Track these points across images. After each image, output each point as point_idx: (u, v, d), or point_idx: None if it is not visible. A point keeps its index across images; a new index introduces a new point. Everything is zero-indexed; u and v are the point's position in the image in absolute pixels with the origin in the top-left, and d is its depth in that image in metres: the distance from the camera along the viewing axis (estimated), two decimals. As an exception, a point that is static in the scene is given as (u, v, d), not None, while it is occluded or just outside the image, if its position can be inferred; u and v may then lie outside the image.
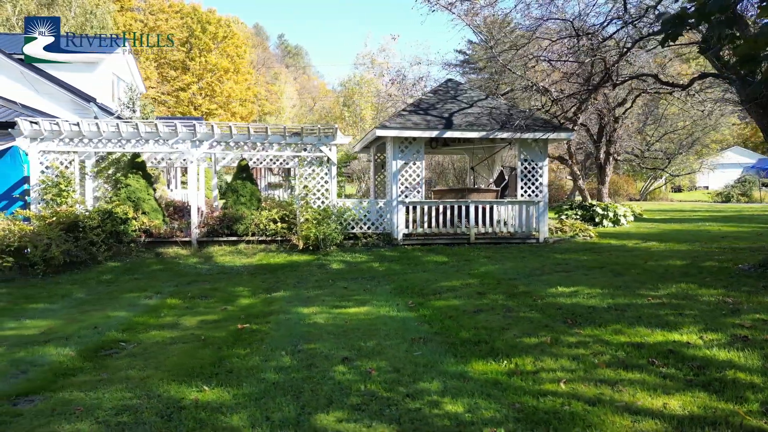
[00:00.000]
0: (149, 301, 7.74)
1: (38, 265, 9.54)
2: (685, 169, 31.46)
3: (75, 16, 34.02)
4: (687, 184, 47.30)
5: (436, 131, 11.62)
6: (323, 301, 7.17)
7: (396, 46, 70.67)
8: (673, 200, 37.09)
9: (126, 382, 3.84)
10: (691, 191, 46.87)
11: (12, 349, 5.08)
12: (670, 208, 26.51)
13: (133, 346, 5.04)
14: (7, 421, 3.21)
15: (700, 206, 28.68)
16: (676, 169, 28.99)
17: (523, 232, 12.23)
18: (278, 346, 4.86)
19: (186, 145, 11.19)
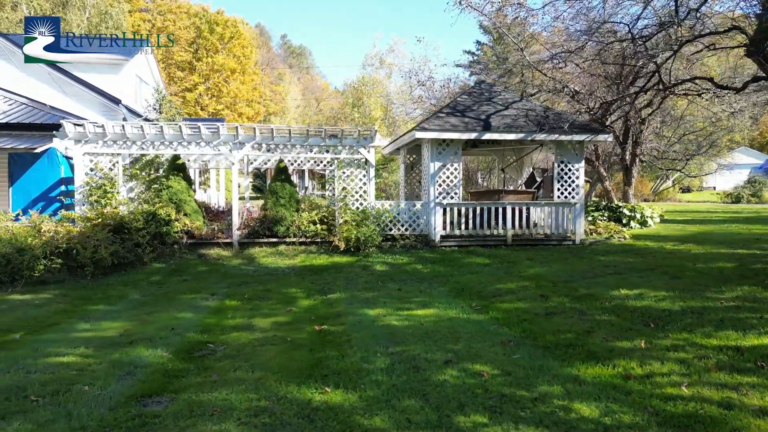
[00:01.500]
0: (208, 303, 7.81)
1: (87, 267, 9.62)
2: (703, 170, 31.47)
3: (90, 17, 34.11)
4: (697, 185, 47.28)
5: (475, 133, 11.68)
6: (384, 303, 7.23)
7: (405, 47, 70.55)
8: (681, 201, 37.08)
9: (243, 384, 3.91)
10: (699, 192, 46.84)
11: (102, 351, 5.14)
12: (684, 209, 26.52)
13: (223, 347, 5.10)
14: (148, 422, 3.28)
15: (713, 207, 28.67)
16: (693, 170, 29.01)
17: (559, 233, 12.28)
18: (367, 347, 4.93)
19: (227, 147, 11.26)
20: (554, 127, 11.93)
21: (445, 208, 11.87)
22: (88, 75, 18.44)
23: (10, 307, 7.85)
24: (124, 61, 19.90)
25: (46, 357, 4.96)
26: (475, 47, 55.67)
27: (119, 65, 19.83)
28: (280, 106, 67.49)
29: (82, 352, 5.14)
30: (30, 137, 12.93)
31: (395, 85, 56.95)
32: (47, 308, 7.70)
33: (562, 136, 11.74)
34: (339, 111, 61.69)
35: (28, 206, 12.57)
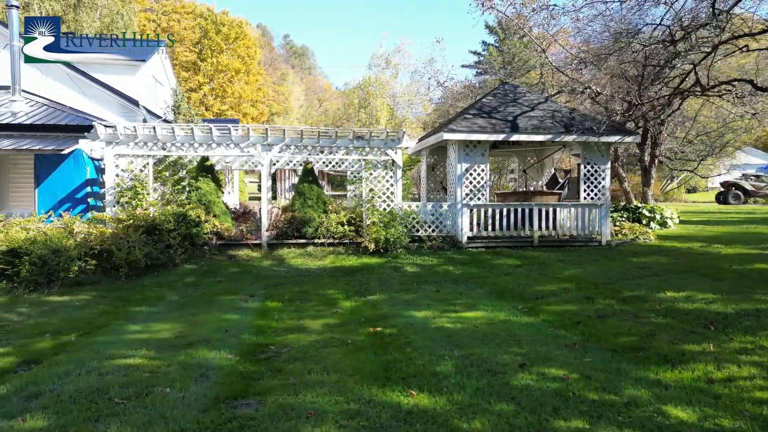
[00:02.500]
0: (249, 304, 7.83)
1: (122, 268, 9.65)
2: (712, 171, 31.43)
3: (101, 17, 34.16)
4: (702, 185, 47.26)
5: (503, 134, 11.69)
6: (428, 306, 7.24)
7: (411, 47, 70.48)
8: (686, 201, 36.99)
9: (324, 386, 3.93)
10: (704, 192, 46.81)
11: (164, 353, 5.16)
12: (695, 209, 26.45)
13: (286, 349, 5.12)
14: (246, 425, 3.30)
15: (722, 208, 28.63)
16: (705, 171, 29.00)
17: (584, 234, 12.29)
18: (431, 350, 4.94)
19: (257, 149, 11.28)
20: (581, 128, 11.94)
21: (472, 209, 11.89)
22: (106, 76, 18.48)
23: (52, 308, 7.88)
24: (141, 63, 19.94)
25: (111, 359, 4.98)
26: (481, 48, 55.69)
27: (136, 66, 19.87)
28: (283, 107, 67.62)
29: (145, 354, 5.16)
30: (54, 138, 12.98)
31: (401, 86, 57.09)
32: (89, 310, 7.73)
33: (591, 138, 11.75)
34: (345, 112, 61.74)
35: (54, 207, 12.60)
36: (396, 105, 57.09)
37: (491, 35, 54.24)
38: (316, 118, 68.19)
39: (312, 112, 71.41)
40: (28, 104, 14.89)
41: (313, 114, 70.14)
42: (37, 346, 5.69)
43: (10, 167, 14.16)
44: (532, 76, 38.60)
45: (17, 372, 4.72)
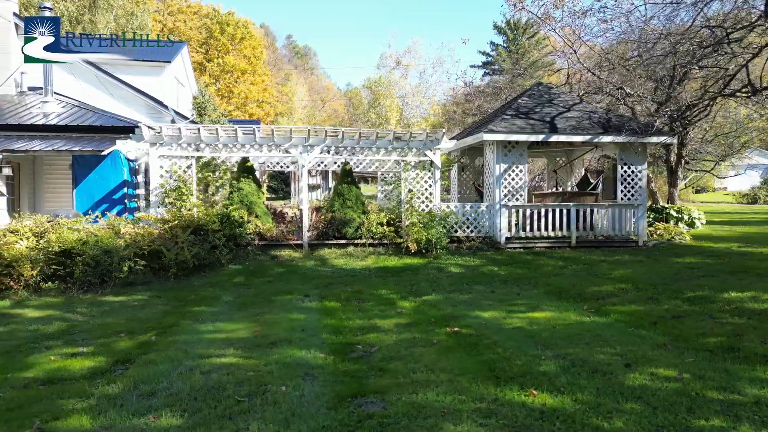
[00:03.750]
0: (309, 304, 7.87)
1: (171, 269, 9.71)
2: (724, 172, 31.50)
3: (116, 18, 34.27)
4: (711, 186, 47.24)
5: (543, 135, 11.74)
6: (489, 306, 7.29)
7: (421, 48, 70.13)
8: (695, 201, 36.96)
9: (439, 385, 3.97)
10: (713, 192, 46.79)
11: (253, 352, 5.20)
12: (710, 209, 26.43)
13: (375, 349, 5.17)
14: (385, 422, 3.34)
15: (737, 208, 28.69)
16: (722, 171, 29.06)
17: (621, 235, 12.33)
18: (521, 350, 4.98)
19: (298, 150, 11.34)
20: (620, 129, 11.99)
21: (511, 210, 11.93)
22: (132, 77, 18.51)
23: (112, 308, 7.94)
24: (166, 64, 20.01)
25: (203, 358, 5.03)
26: (490, 48, 55.70)
27: (161, 67, 19.93)
28: (287, 107, 67.74)
29: (234, 353, 5.21)
30: (90, 140, 13.04)
31: (410, 86, 57.16)
32: (150, 310, 7.78)
33: (630, 138, 11.80)
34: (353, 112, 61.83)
35: (92, 208, 12.66)
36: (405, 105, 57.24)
37: (500, 35, 54.30)
38: (319, 118, 68.21)
39: (315, 112, 71.47)
40: (60, 105, 14.96)
41: (317, 114, 70.19)
42: (119, 346, 5.74)
43: (45, 168, 14.23)
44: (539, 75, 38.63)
45: (115, 371, 4.77)
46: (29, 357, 5.37)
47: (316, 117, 69.72)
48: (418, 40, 62.22)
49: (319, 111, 73.19)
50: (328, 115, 70.24)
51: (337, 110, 68.87)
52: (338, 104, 75.46)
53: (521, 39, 54.35)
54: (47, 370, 4.85)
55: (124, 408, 3.78)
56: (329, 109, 73.88)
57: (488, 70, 54.72)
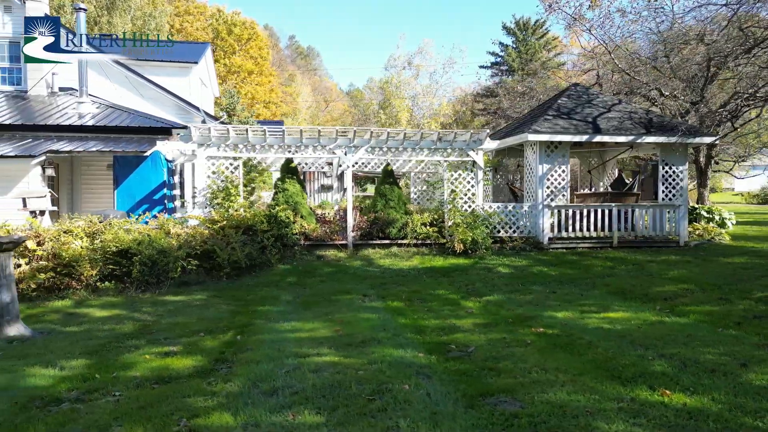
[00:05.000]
0: (372, 304, 7.89)
1: (224, 269, 9.74)
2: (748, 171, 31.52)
3: (133, 20, 34.38)
4: (720, 186, 47.17)
5: (586, 135, 11.75)
6: (559, 306, 7.29)
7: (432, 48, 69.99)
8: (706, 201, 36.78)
9: (566, 385, 3.96)
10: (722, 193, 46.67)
11: (348, 351, 5.20)
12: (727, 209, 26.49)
13: (472, 349, 5.18)
14: (535, 422, 3.34)
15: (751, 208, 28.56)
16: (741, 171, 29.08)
17: (661, 235, 12.34)
18: (621, 350, 4.97)
19: (342, 151, 11.37)
20: (662, 129, 12.00)
21: (553, 210, 11.94)
22: (159, 78, 18.56)
23: (177, 308, 7.96)
24: (193, 65, 20.08)
25: (302, 357, 5.03)
26: (499, 49, 55.69)
27: (188, 68, 20.00)
28: (291, 107, 67.86)
29: (330, 351, 5.22)
30: (128, 141, 13.08)
31: (421, 87, 57.19)
32: (215, 309, 7.80)
33: (672, 138, 11.80)
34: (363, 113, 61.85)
35: (132, 208, 12.72)
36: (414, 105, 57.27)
37: (509, 36, 54.28)
38: (323, 118, 68.22)
39: (318, 113, 71.51)
40: (95, 106, 15.01)
41: (320, 115, 70.22)
42: (206, 345, 5.76)
43: (83, 168, 14.28)
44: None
45: (220, 370, 4.79)
46: (121, 356, 5.39)
47: (319, 117, 69.83)
48: (430, 41, 62.04)
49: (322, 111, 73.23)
50: (332, 116, 70.24)
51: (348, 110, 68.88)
52: (341, 105, 75.52)
53: (530, 39, 54.30)
54: (150, 369, 4.87)
55: (256, 406, 3.79)
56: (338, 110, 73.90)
57: (497, 71, 54.70)
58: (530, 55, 50.80)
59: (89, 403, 4.05)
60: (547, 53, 51.63)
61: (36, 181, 11.77)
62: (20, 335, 6.31)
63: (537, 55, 50.87)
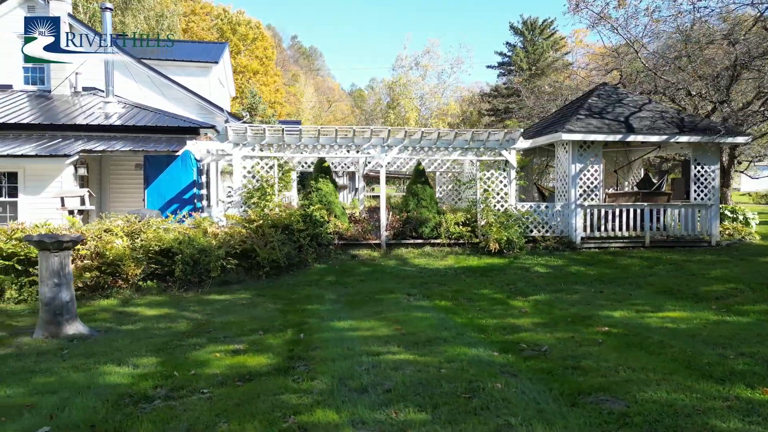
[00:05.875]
0: (420, 303, 7.88)
1: (264, 268, 9.74)
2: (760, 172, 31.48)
3: (146, 20, 34.45)
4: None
5: (620, 135, 11.74)
6: (611, 306, 7.27)
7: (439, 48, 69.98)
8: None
9: (661, 384, 3.95)
10: (729, 192, 46.33)
11: (419, 350, 5.19)
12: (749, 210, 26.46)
13: (545, 348, 5.16)
14: (651, 420, 3.32)
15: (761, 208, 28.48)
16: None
17: (692, 235, 12.31)
18: (695, 349, 4.95)
19: (377, 150, 11.37)
20: (694, 128, 11.98)
21: (586, 209, 11.93)
22: (180, 78, 18.58)
23: (224, 307, 7.96)
24: (213, 64, 20.11)
25: (375, 355, 5.02)
26: (506, 49, 55.66)
27: (208, 68, 20.03)
28: (295, 107, 67.89)
29: (400, 350, 5.21)
30: (157, 140, 13.10)
31: (428, 86, 57.22)
32: (263, 308, 7.80)
33: (706, 138, 11.78)
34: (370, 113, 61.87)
35: (163, 208, 12.73)
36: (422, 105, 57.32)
37: (516, 36, 54.24)
38: (326, 119, 68.27)
39: (322, 113, 71.56)
40: (121, 106, 15.04)
41: (323, 115, 70.28)
42: (269, 342, 5.76)
43: (112, 168, 14.32)
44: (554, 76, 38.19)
45: (298, 367, 4.78)
46: (189, 354, 5.39)
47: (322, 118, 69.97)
48: (436, 41, 62.05)
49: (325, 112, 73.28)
50: (334, 117, 70.26)
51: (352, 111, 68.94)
52: (344, 105, 75.51)
53: (538, 39, 54.28)
54: (226, 367, 4.86)
55: (354, 403, 3.77)
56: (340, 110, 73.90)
57: (504, 71, 54.68)
58: (538, 55, 50.78)
59: (180, 400, 4.05)
60: (555, 53, 51.64)
61: (69, 180, 11.79)
62: (79, 334, 6.31)
63: (545, 55, 50.89)
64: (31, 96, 15.84)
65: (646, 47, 15.87)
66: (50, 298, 6.16)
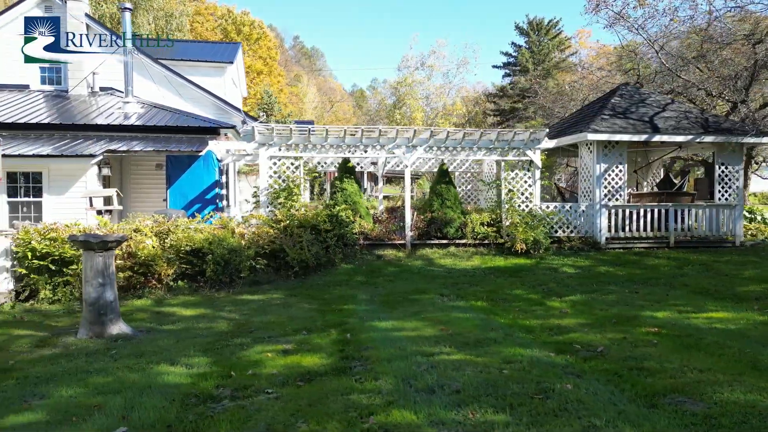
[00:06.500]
0: (456, 303, 7.85)
1: (293, 268, 9.72)
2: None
3: (155, 19, 34.47)
4: (735, 187, 46.97)
5: (645, 135, 11.71)
6: (650, 306, 7.23)
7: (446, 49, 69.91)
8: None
9: (734, 385, 3.92)
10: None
11: (471, 350, 5.17)
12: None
13: (601, 348, 5.11)
14: (743, 421, 3.31)
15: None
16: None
17: (717, 235, 12.26)
18: (756, 350, 4.93)
19: (401, 150, 11.34)
20: (718, 128, 11.95)
21: (611, 210, 11.89)
22: (195, 78, 18.54)
23: (259, 307, 7.94)
24: (228, 65, 20.10)
25: (428, 356, 4.98)
26: (512, 49, 55.64)
27: (223, 68, 20.01)
28: (298, 108, 67.81)
29: (452, 350, 5.16)
30: (179, 140, 13.07)
31: (434, 86, 57.24)
32: (299, 308, 7.77)
33: (731, 138, 11.74)
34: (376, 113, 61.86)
35: (185, 208, 12.71)
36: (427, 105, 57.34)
37: (521, 36, 54.20)
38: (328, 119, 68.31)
39: (324, 113, 71.64)
40: (140, 106, 15.03)
41: (325, 116, 70.33)
42: (316, 342, 5.73)
43: (132, 168, 14.30)
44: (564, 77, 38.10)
45: (355, 368, 4.76)
46: (239, 354, 5.36)
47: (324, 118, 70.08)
48: (443, 41, 62.17)
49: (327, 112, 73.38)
50: (336, 117, 70.30)
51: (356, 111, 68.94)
52: (345, 105, 75.54)
53: (544, 40, 54.27)
54: (282, 367, 4.83)
55: (429, 404, 3.73)
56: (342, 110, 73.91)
57: (509, 71, 54.65)
58: (543, 55, 50.73)
59: (248, 400, 4.02)
60: (560, 53, 51.60)
61: (93, 180, 11.76)
62: (123, 333, 6.30)
63: (550, 56, 50.85)
64: (48, 96, 15.83)
65: (663, 47, 15.82)
66: (95, 298, 6.14)
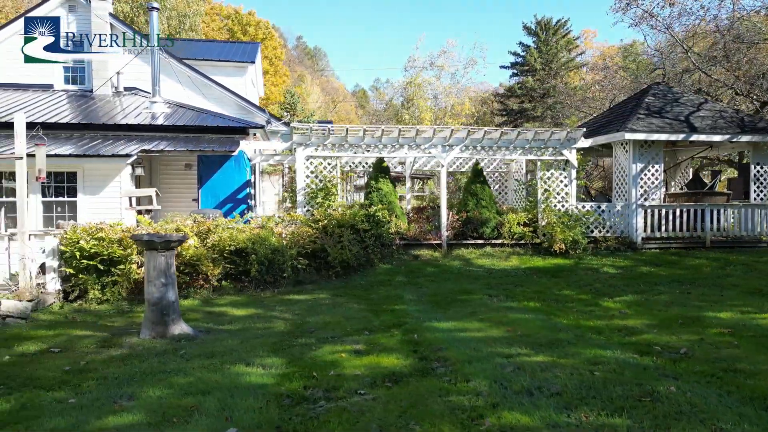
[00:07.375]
0: (508, 303, 7.76)
1: (335, 267, 9.67)
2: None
3: (169, 19, 34.48)
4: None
5: (682, 134, 11.62)
6: (710, 306, 7.15)
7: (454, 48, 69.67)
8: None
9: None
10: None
11: (546, 351, 5.08)
12: None
13: (683, 350, 5.03)
14: None
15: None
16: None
17: (752, 235, 12.17)
18: None
19: (438, 150, 11.28)
20: (754, 128, 11.85)
21: (647, 210, 11.81)
22: (217, 78, 18.50)
23: (309, 307, 7.88)
24: (249, 64, 20.07)
25: (508, 357, 4.92)
26: (520, 49, 55.54)
27: (244, 68, 19.97)
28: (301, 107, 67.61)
29: (529, 351, 5.09)
30: (209, 140, 13.02)
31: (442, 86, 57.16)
32: (348, 308, 7.72)
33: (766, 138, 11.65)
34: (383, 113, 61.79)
35: (217, 207, 12.68)
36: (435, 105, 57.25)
37: (529, 36, 54.07)
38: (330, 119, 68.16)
39: (327, 113, 71.56)
40: (166, 106, 15.00)
41: (328, 116, 70.23)
42: (383, 342, 5.66)
43: (162, 168, 14.27)
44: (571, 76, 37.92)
45: (437, 369, 4.69)
46: (310, 354, 5.30)
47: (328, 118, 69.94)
48: (453, 41, 62.06)
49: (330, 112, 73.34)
50: (339, 117, 70.26)
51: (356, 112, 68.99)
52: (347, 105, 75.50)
53: (552, 40, 54.18)
54: (362, 367, 4.76)
55: (534, 406, 3.68)
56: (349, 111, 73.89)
57: (517, 71, 54.53)
58: (551, 55, 50.61)
59: (345, 401, 3.95)
60: (568, 53, 51.49)
61: (126, 180, 11.70)
62: (185, 334, 6.25)
63: (558, 56, 50.74)
64: (72, 96, 15.81)
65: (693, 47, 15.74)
66: (158, 298, 6.10)
